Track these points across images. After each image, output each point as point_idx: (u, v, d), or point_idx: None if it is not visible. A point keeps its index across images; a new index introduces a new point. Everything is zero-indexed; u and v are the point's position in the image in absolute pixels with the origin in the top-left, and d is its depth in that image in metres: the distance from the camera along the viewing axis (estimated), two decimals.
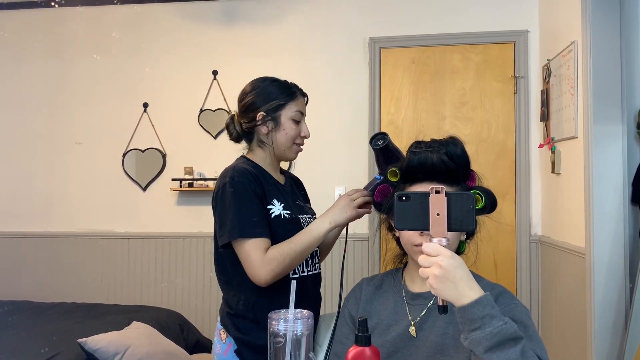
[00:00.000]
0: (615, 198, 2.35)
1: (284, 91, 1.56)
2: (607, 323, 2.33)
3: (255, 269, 1.39)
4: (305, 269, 1.56)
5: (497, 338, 0.90)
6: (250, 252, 1.40)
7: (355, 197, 1.48)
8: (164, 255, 3.57)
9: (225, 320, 1.53)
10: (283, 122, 1.55)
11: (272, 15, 3.54)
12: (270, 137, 1.56)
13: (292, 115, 1.55)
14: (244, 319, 1.49)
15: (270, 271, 1.39)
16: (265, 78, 1.60)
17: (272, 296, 1.46)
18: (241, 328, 1.49)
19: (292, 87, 1.59)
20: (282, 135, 1.55)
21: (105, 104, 3.69)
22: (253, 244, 1.40)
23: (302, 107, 1.59)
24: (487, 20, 3.31)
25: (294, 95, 1.57)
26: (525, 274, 3.20)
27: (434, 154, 1.21)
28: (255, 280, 1.41)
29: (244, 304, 1.49)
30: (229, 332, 1.51)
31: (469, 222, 0.93)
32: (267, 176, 1.56)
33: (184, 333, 3.10)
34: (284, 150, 1.58)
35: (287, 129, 1.55)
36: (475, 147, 3.26)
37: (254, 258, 1.39)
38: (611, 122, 2.36)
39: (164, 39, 3.65)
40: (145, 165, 3.63)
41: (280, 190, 1.58)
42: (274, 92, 1.55)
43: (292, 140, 1.57)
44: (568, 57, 2.65)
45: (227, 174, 1.48)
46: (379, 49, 3.40)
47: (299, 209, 1.62)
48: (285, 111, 1.55)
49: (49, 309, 3.26)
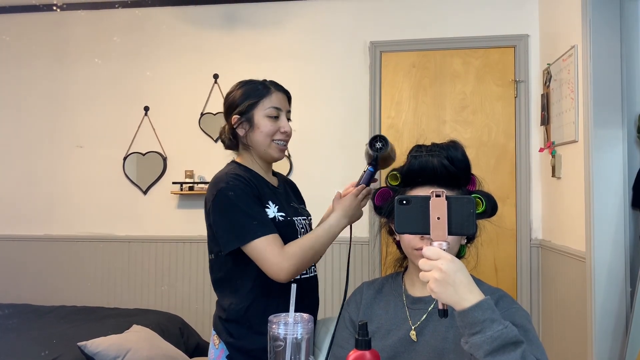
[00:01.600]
0: (615, 202, 2.36)
1: (254, 90, 1.53)
2: (607, 327, 2.33)
3: (275, 266, 1.37)
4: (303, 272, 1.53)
5: (497, 342, 0.90)
6: (267, 251, 1.37)
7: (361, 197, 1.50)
8: (164, 259, 3.57)
9: (218, 325, 1.52)
10: (257, 121, 1.51)
11: (273, 20, 3.55)
12: (248, 138, 1.54)
13: (267, 113, 1.51)
14: (236, 323, 1.47)
15: (292, 266, 1.37)
16: (239, 82, 1.58)
17: (265, 301, 1.45)
18: (233, 333, 1.47)
19: (265, 85, 1.55)
20: (258, 134, 1.52)
21: (106, 107, 3.70)
22: (266, 242, 1.38)
23: (278, 103, 1.54)
24: (487, 24, 3.32)
25: (266, 92, 1.53)
26: (525, 277, 3.20)
27: (434, 157, 1.21)
28: (275, 277, 1.38)
29: (236, 309, 1.47)
30: (222, 337, 1.50)
31: (470, 226, 0.93)
32: (260, 179, 1.54)
33: (184, 336, 3.09)
34: (265, 150, 1.54)
35: (262, 127, 1.51)
36: (476, 151, 3.26)
37: (272, 255, 1.37)
38: (611, 126, 2.36)
39: (165, 42, 3.66)
40: (145, 169, 3.63)
41: (274, 193, 1.56)
42: (246, 92, 1.53)
43: (270, 137, 1.52)
44: (568, 61, 2.66)
45: (220, 180, 1.46)
46: (379, 53, 3.40)
47: (294, 210, 1.60)
48: (258, 110, 1.51)
49: (49, 312, 3.25)
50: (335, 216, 1.46)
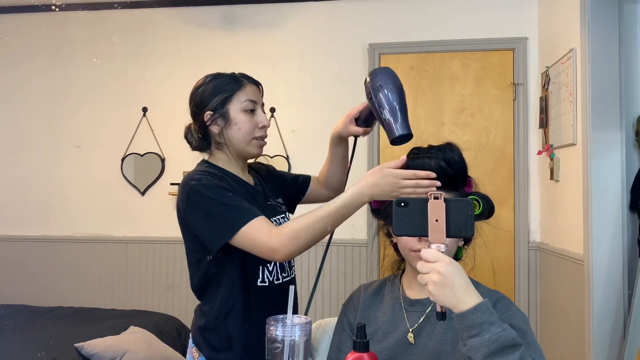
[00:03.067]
0: (613, 205, 2.36)
1: (227, 83, 1.42)
2: (605, 330, 2.33)
3: (266, 246, 1.24)
4: (280, 276, 1.45)
5: (495, 345, 0.90)
6: (254, 236, 1.25)
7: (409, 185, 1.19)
8: (161, 260, 3.56)
9: (197, 336, 1.42)
10: (233, 117, 1.40)
11: (272, 21, 3.55)
12: (224, 135, 1.42)
13: (243, 107, 1.40)
14: (215, 333, 1.38)
15: (282, 247, 1.23)
16: (207, 75, 1.48)
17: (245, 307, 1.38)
18: (215, 346, 1.38)
19: (237, 77, 1.45)
20: (236, 130, 1.41)
21: (104, 107, 3.69)
22: (251, 228, 1.26)
23: (253, 96, 1.43)
24: (486, 27, 3.32)
25: (240, 85, 1.42)
26: (523, 280, 3.20)
27: (431, 159, 1.22)
28: (272, 257, 1.26)
29: (215, 316, 1.38)
30: (202, 352, 1.40)
31: (468, 228, 0.93)
32: (234, 178, 1.43)
33: (181, 338, 3.09)
34: (243, 147, 1.43)
35: (240, 123, 1.40)
36: (474, 153, 3.26)
37: (260, 239, 1.25)
38: (610, 130, 2.36)
39: (164, 43, 3.66)
40: (144, 170, 3.63)
41: (249, 192, 1.45)
42: (217, 86, 1.42)
43: (249, 134, 1.42)
44: (567, 64, 2.66)
45: (190, 179, 1.35)
46: (378, 55, 3.41)
47: (271, 209, 1.49)
48: (233, 104, 1.40)
49: (46, 313, 3.24)
50: (352, 191, 1.24)
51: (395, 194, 1.18)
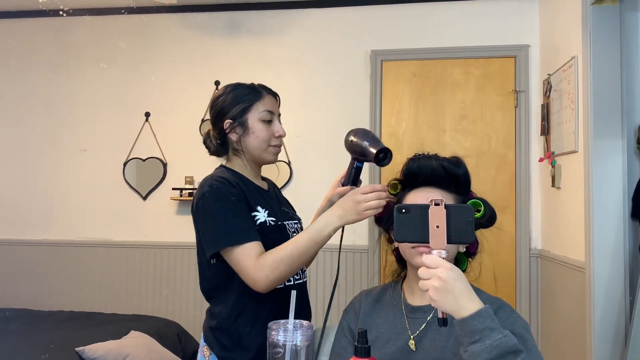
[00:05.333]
0: (615, 213, 2.36)
1: (247, 94, 1.50)
2: (607, 338, 2.32)
3: (249, 276, 1.33)
4: (291, 277, 1.49)
5: (496, 351, 0.90)
6: (241, 260, 1.33)
7: (370, 198, 1.28)
8: (163, 265, 3.56)
9: (209, 336, 1.47)
10: (251, 125, 1.48)
11: (275, 28, 3.57)
12: (242, 143, 1.50)
13: (261, 116, 1.49)
14: (227, 333, 1.43)
15: (264, 278, 1.31)
16: (228, 85, 1.55)
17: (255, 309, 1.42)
18: (226, 345, 1.43)
19: (257, 88, 1.53)
20: (253, 138, 1.49)
21: (107, 112, 3.71)
22: (241, 251, 1.33)
23: (271, 106, 1.51)
24: (488, 34, 3.33)
25: (259, 96, 1.50)
26: (525, 287, 3.19)
27: (432, 160, 1.23)
28: (253, 287, 1.34)
29: (226, 317, 1.43)
30: (213, 350, 1.45)
31: (469, 234, 0.94)
32: (249, 183, 1.50)
33: (182, 343, 3.09)
34: (260, 154, 1.51)
35: (257, 132, 1.48)
36: (476, 160, 3.26)
37: (245, 265, 1.33)
38: (611, 137, 2.37)
39: (168, 49, 3.68)
40: (145, 174, 3.64)
41: (263, 197, 1.52)
42: (237, 96, 1.50)
43: (266, 142, 1.50)
44: (568, 71, 2.67)
45: (205, 183, 1.43)
46: (380, 61, 3.42)
47: (284, 214, 1.56)
48: (251, 113, 1.48)
49: (48, 316, 3.24)
50: (324, 217, 1.33)
51: (358, 210, 1.28)
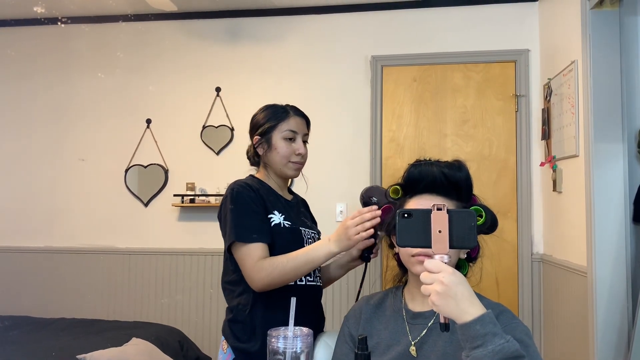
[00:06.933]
0: (616, 217, 2.35)
1: (274, 114, 1.65)
2: (609, 342, 2.31)
3: (247, 275, 1.48)
4: (304, 278, 1.58)
5: (499, 356, 0.90)
6: (244, 258, 1.48)
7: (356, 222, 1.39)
8: (164, 271, 3.56)
9: (226, 329, 1.58)
10: (274, 143, 1.63)
11: (275, 34, 3.58)
12: (266, 157, 1.66)
13: (284, 135, 1.63)
14: (242, 325, 1.53)
15: (259, 280, 1.45)
16: (264, 105, 1.71)
17: (267, 302, 1.52)
18: (239, 337, 1.53)
19: (285, 109, 1.67)
20: (275, 154, 1.63)
21: (108, 120, 3.72)
22: (246, 250, 1.48)
23: (295, 127, 1.65)
24: (488, 39, 3.34)
25: (284, 116, 1.65)
26: (527, 292, 3.18)
27: (434, 166, 1.22)
28: (250, 285, 1.49)
29: (242, 309, 1.54)
30: (229, 341, 1.55)
31: (471, 239, 0.94)
32: (271, 191, 1.64)
33: (184, 350, 3.08)
34: (281, 168, 1.65)
35: (279, 148, 1.63)
36: (477, 165, 3.26)
37: (246, 264, 1.47)
38: (612, 141, 2.37)
39: (168, 56, 3.69)
40: (147, 181, 3.64)
41: (283, 205, 1.64)
42: (267, 115, 1.66)
43: (286, 158, 1.64)
44: (569, 76, 2.67)
45: (230, 186, 1.58)
46: (380, 67, 3.43)
47: (302, 222, 1.67)
48: (276, 132, 1.63)
49: (49, 324, 3.24)
50: (323, 240, 1.47)
51: (348, 235, 1.39)
